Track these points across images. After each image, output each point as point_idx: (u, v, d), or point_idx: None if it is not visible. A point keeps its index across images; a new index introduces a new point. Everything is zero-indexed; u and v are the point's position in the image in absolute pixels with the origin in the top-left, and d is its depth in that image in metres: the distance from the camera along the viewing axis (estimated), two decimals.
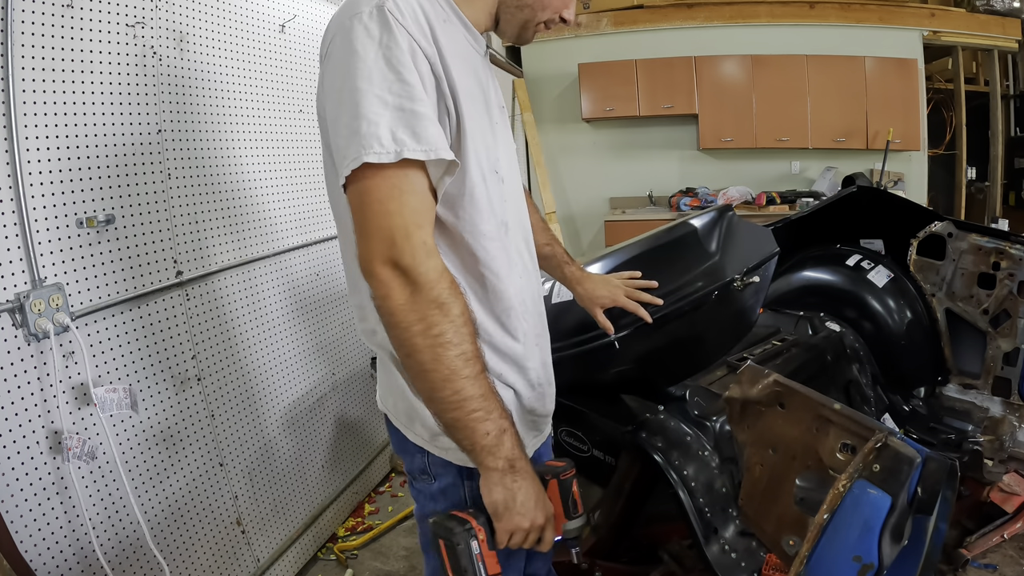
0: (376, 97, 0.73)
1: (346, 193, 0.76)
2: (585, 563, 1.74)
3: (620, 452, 1.78)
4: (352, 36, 0.75)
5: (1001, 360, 2.00)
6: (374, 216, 0.74)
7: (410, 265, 0.74)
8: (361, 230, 0.75)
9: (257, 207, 1.92)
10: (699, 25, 5.04)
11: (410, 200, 0.75)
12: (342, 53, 0.76)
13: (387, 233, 0.73)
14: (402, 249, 0.73)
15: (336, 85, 0.77)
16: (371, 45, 0.74)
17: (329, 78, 0.80)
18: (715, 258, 1.48)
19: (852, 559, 0.92)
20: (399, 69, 0.74)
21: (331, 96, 0.78)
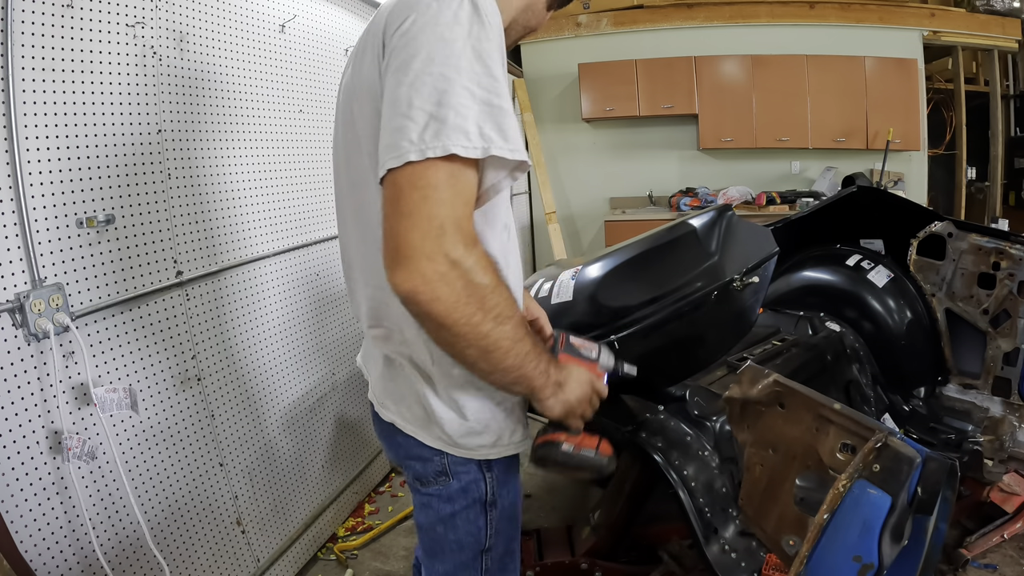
0: (464, 88, 0.70)
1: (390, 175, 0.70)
2: (585, 563, 1.74)
3: (620, 452, 1.78)
4: (439, 21, 0.71)
5: (1001, 360, 2.00)
6: (431, 205, 0.69)
7: (464, 253, 0.70)
8: (407, 223, 0.68)
9: (257, 207, 1.92)
10: (699, 25, 5.04)
11: (464, 191, 0.71)
12: (425, 36, 0.71)
13: (439, 225, 0.68)
14: (454, 239, 0.69)
15: (413, 66, 0.71)
16: (461, 33, 0.71)
17: (401, 56, 0.72)
18: (715, 258, 1.47)
19: (852, 559, 0.92)
20: (487, 62, 0.72)
21: (399, 75, 0.71)
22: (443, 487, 1.00)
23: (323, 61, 2.27)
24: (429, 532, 1.06)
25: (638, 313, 1.44)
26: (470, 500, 1.00)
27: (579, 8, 5.20)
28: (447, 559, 1.07)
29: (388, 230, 0.71)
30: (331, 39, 2.33)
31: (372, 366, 1.05)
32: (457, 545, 1.05)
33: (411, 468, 1.03)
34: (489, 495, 1.00)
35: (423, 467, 1.00)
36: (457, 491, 1.00)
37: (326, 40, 2.30)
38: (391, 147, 0.70)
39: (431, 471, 0.99)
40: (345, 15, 2.43)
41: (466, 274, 0.70)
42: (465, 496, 1.00)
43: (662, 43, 5.06)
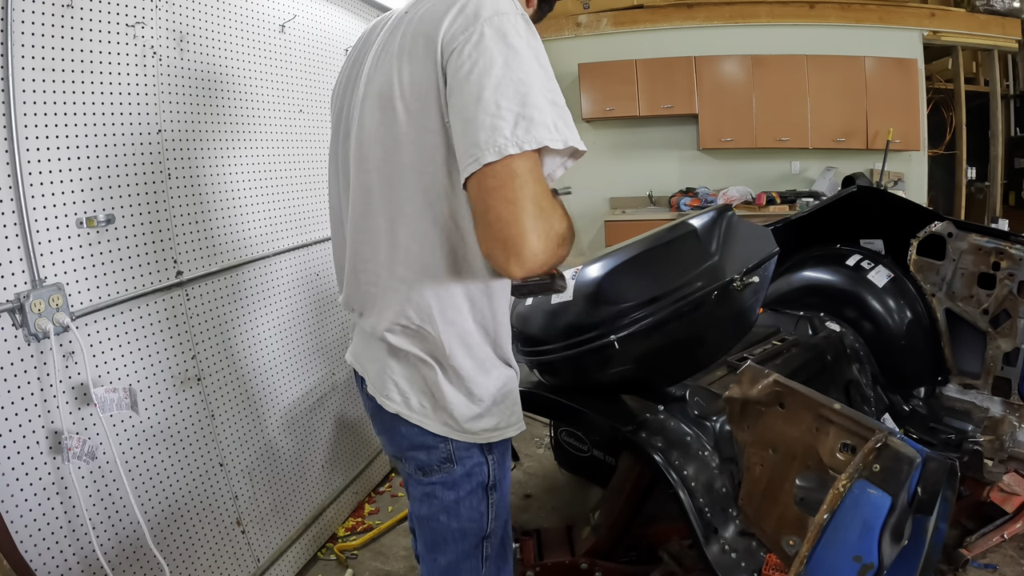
0: (539, 92, 0.79)
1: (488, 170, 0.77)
2: (585, 563, 1.74)
3: (620, 452, 1.78)
4: (506, 32, 0.80)
5: (1001, 360, 2.00)
6: (530, 190, 0.78)
7: (557, 222, 0.81)
8: (514, 210, 0.77)
9: (257, 207, 1.92)
10: (699, 25, 5.04)
11: (542, 175, 0.82)
12: (497, 47, 0.79)
13: (538, 206, 0.78)
14: (549, 214, 0.80)
15: (494, 72, 0.78)
16: (523, 44, 0.81)
17: (479, 64, 0.79)
18: (715, 258, 1.48)
19: (852, 559, 0.92)
20: (548, 69, 0.83)
21: (482, 80, 0.78)
22: (447, 474, 1.03)
23: (323, 61, 2.27)
24: (431, 523, 1.09)
25: (638, 313, 1.44)
26: (474, 485, 1.04)
27: (579, 8, 5.20)
28: (449, 549, 1.09)
29: (496, 218, 0.78)
30: (331, 39, 2.33)
31: (370, 362, 1.06)
32: (460, 533, 1.08)
33: (414, 459, 1.05)
34: (491, 478, 1.06)
35: (428, 455, 1.03)
36: (461, 476, 1.03)
37: (326, 40, 2.30)
38: (487, 143, 0.77)
39: (436, 459, 1.03)
40: (345, 15, 2.43)
41: (558, 236, 0.82)
42: (469, 481, 1.04)
43: (662, 43, 5.06)
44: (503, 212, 0.78)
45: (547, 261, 0.81)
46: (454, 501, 1.05)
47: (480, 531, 1.09)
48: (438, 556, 1.11)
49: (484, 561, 1.12)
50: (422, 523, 1.11)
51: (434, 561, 1.12)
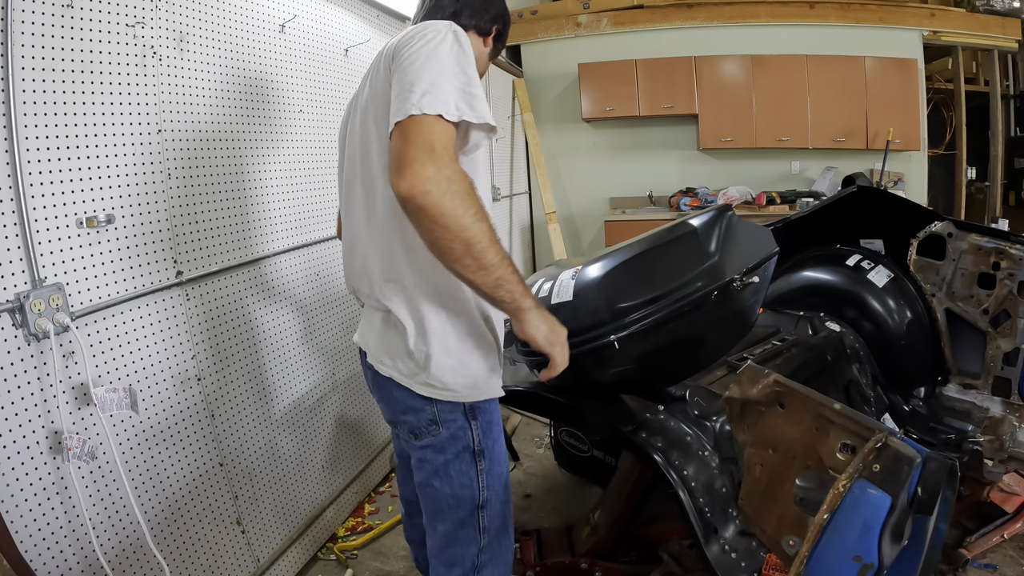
0: (448, 81, 0.98)
1: (398, 126, 0.95)
2: (585, 563, 1.74)
3: (620, 452, 1.78)
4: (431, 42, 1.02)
5: (1001, 360, 2.00)
6: (424, 135, 0.93)
7: (450, 169, 0.92)
8: (408, 145, 0.93)
9: (257, 207, 1.92)
10: (699, 25, 5.04)
11: (447, 136, 0.96)
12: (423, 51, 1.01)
13: (431, 149, 0.92)
14: (441, 154, 0.92)
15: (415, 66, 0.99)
16: (445, 50, 1.01)
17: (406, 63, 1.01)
18: (715, 258, 1.47)
19: (852, 559, 0.92)
20: (465, 68, 1.02)
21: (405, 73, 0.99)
22: (435, 437, 1.15)
23: (323, 61, 2.27)
24: (427, 490, 1.20)
25: (638, 313, 1.43)
26: (459, 448, 1.16)
27: (579, 8, 5.20)
28: (446, 517, 1.19)
29: (394, 155, 0.94)
30: (331, 39, 2.33)
31: (371, 334, 1.22)
32: (454, 500, 1.18)
33: (406, 423, 1.17)
34: (476, 443, 1.17)
35: (416, 418, 1.15)
36: (447, 439, 1.15)
37: (326, 40, 2.30)
38: (398, 111, 0.96)
39: (423, 421, 1.15)
40: (345, 15, 2.43)
41: (449, 177, 0.92)
42: (454, 443, 1.15)
43: (662, 43, 5.06)
44: (398, 150, 0.94)
45: (429, 191, 0.90)
46: (443, 464, 1.16)
47: (473, 499, 1.18)
48: (437, 524, 1.21)
49: (482, 532, 1.20)
50: (421, 491, 1.22)
51: (435, 530, 1.22)
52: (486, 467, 1.18)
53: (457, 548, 1.20)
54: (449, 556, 1.21)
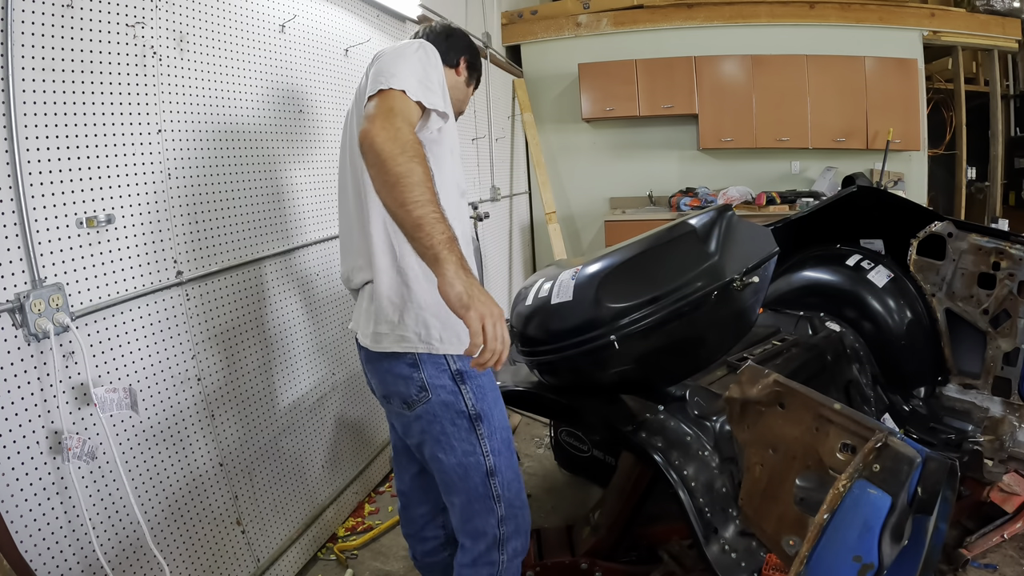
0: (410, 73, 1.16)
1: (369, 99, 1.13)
2: (585, 563, 1.74)
3: (620, 452, 1.78)
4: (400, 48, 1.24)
5: (1001, 360, 2.00)
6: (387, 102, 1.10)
7: (401, 125, 1.07)
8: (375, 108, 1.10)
9: (257, 207, 1.92)
10: (699, 25, 5.04)
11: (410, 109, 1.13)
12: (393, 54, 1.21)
13: (390, 110, 1.09)
14: (397, 115, 1.09)
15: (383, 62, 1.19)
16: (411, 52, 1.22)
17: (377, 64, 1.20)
18: (715, 258, 1.47)
19: (852, 559, 0.92)
20: (426, 67, 1.20)
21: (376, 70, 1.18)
22: (426, 405, 1.20)
23: (323, 61, 2.27)
24: (435, 465, 1.24)
25: (638, 313, 1.44)
26: (453, 413, 1.20)
27: (579, 8, 5.20)
28: (459, 488, 1.23)
29: (367, 113, 1.11)
30: (331, 39, 2.33)
31: (360, 314, 1.30)
32: (461, 469, 1.21)
33: (397, 394, 1.22)
34: (470, 408, 1.21)
35: (406, 386, 1.21)
36: (439, 405, 1.20)
37: (326, 40, 2.30)
38: (370, 90, 1.14)
39: (413, 389, 1.20)
40: (345, 15, 2.43)
41: (398, 128, 1.07)
42: (448, 409, 1.20)
43: (662, 43, 5.06)
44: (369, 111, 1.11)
45: (378, 135, 1.05)
46: (441, 432, 1.20)
47: (479, 465, 1.22)
48: (453, 498, 1.25)
49: (497, 500, 1.23)
50: (432, 466, 1.26)
51: (453, 505, 1.26)
52: (485, 431, 1.22)
53: (476, 520, 1.24)
54: (470, 529, 1.26)
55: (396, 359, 1.21)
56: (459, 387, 1.21)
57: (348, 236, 1.37)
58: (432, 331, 1.19)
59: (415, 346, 1.19)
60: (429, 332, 1.19)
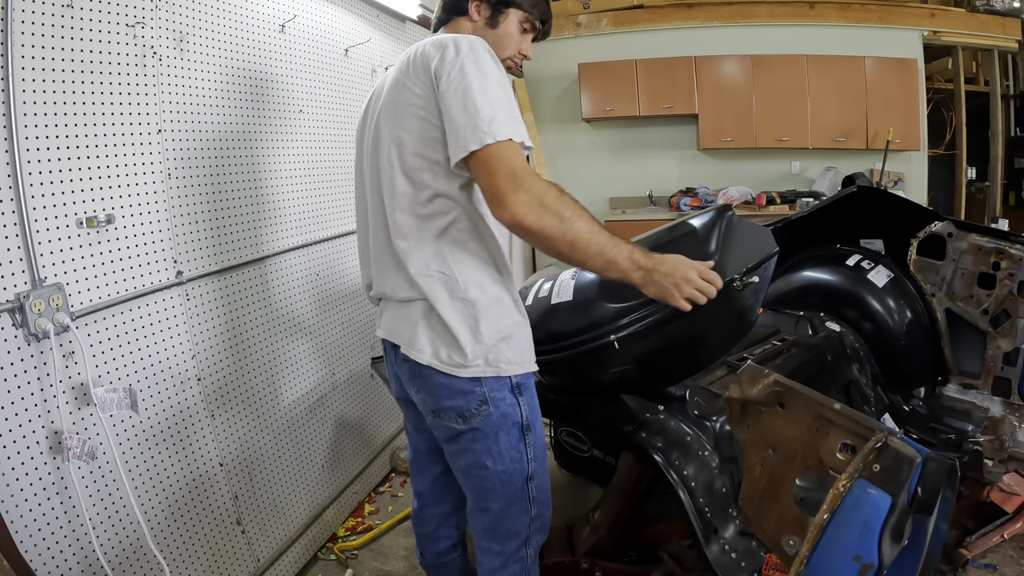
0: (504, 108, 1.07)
1: (475, 154, 1.05)
2: (585, 563, 1.74)
3: (620, 452, 1.78)
4: (478, 61, 1.09)
5: (1001, 360, 2.00)
6: (504, 164, 1.04)
7: (531, 186, 1.04)
8: (495, 178, 1.04)
9: (257, 207, 1.92)
10: (699, 25, 5.04)
11: (519, 155, 1.07)
12: (472, 71, 1.08)
13: (513, 175, 1.04)
14: (523, 178, 1.04)
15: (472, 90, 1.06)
16: (490, 70, 1.09)
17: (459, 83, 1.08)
18: (715, 258, 1.47)
19: (852, 559, 0.92)
20: (508, 90, 1.10)
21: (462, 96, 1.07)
22: (485, 417, 1.18)
23: (323, 61, 2.27)
24: (478, 470, 1.23)
25: (638, 313, 1.43)
26: (510, 425, 1.20)
27: (579, 8, 5.20)
28: (498, 495, 1.24)
29: (486, 187, 1.06)
30: (331, 39, 2.33)
31: (404, 325, 1.23)
32: (506, 475, 1.23)
33: (454, 408, 1.19)
34: (524, 419, 1.22)
35: (465, 401, 1.18)
36: (498, 418, 1.19)
37: (326, 40, 2.30)
38: (471, 136, 1.04)
39: (473, 403, 1.18)
40: (345, 15, 2.43)
41: (538, 196, 1.04)
42: (505, 421, 1.20)
43: (662, 43, 5.06)
44: (489, 183, 1.05)
45: (527, 215, 1.03)
46: (494, 442, 1.20)
47: (523, 472, 1.23)
48: (489, 504, 1.25)
49: (532, 503, 1.27)
50: (468, 475, 1.25)
51: (486, 511, 1.27)
52: (532, 440, 1.24)
53: (511, 522, 1.27)
54: (503, 531, 1.28)
55: (457, 376, 1.18)
56: (518, 399, 1.22)
57: (379, 255, 1.27)
58: (501, 355, 1.18)
59: (484, 371, 1.17)
60: (498, 356, 1.18)
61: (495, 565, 1.29)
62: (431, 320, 1.18)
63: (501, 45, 1.31)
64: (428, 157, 1.13)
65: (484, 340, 1.16)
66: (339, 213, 2.35)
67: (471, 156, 1.05)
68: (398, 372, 1.30)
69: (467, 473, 1.26)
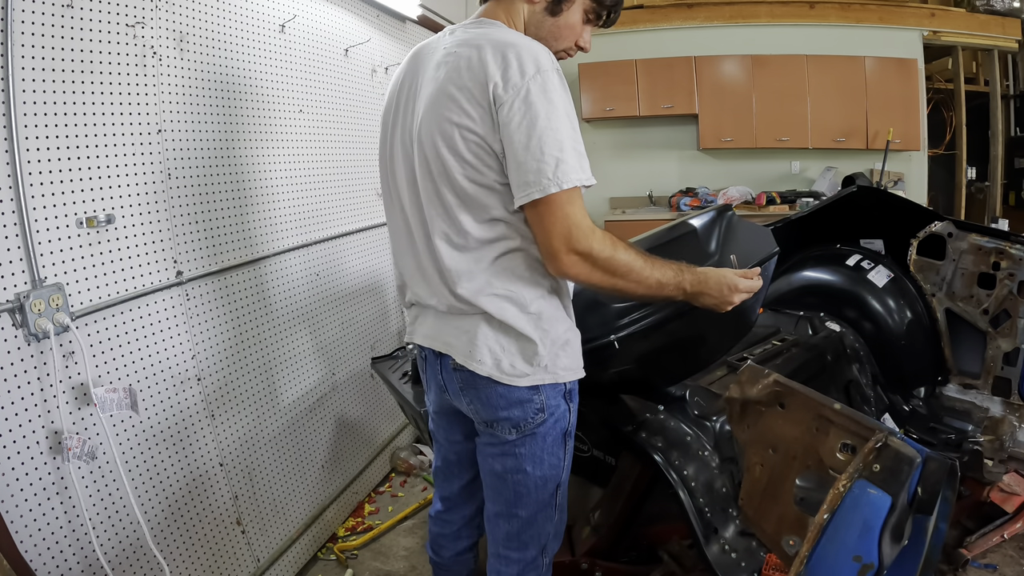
0: (570, 142, 1.02)
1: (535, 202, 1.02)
2: (585, 563, 1.74)
3: (620, 452, 1.78)
4: (546, 89, 1.02)
5: (1001, 360, 2.00)
6: (561, 220, 1.03)
7: (586, 244, 1.05)
8: (551, 233, 1.04)
9: (257, 207, 1.92)
10: (699, 25, 5.04)
11: (579, 203, 1.05)
12: (541, 101, 1.01)
13: (568, 231, 1.03)
14: (579, 238, 1.04)
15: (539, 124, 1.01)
16: (559, 99, 1.03)
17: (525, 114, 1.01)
18: (715, 258, 1.47)
19: (852, 559, 0.92)
20: (575, 122, 1.05)
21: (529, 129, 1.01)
22: (539, 425, 1.17)
23: (323, 61, 2.27)
24: (516, 475, 1.21)
25: (638, 313, 1.44)
26: (558, 432, 1.20)
27: None
28: (531, 501, 1.22)
29: (540, 241, 1.06)
30: (331, 39, 2.33)
31: (460, 337, 1.17)
32: (542, 481, 1.22)
33: (509, 418, 1.16)
34: (571, 425, 1.23)
35: (523, 410, 1.16)
36: (551, 425, 1.18)
37: (326, 40, 2.30)
38: (535, 183, 1.01)
39: (531, 412, 1.16)
40: (345, 15, 2.43)
41: (589, 256, 1.05)
42: (555, 429, 1.19)
43: (662, 43, 5.06)
44: (545, 238, 1.05)
45: (579, 275, 1.07)
46: (541, 449, 1.19)
47: (556, 478, 1.23)
48: (519, 511, 1.23)
49: (557, 509, 1.27)
50: (505, 480, 1.22)
51: (514, 516, 1.24)
52: (569, 447, 1.24)
53: (535, 529, 1.26)
54: (526, 538, 1.27)
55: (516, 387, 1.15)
56: (569, 406, 1.22)
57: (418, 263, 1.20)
58: (559, 361, 1.17)
59: (543, 378, 1.15)
60: (556, 363, 1.16)
61: (512, 573, 1.28)
62: (494, 331, 1.14)
63: (559, 36, 1.19)
64: (483, 183, 1.07)
65: (547, 346, 1.15)
66: (339, 213, 2.35)
67: (530, 205, 1.03)
68: (444, 381, 1.23)
69: (502, 478, 1.22)
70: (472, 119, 1.04)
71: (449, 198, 1.10)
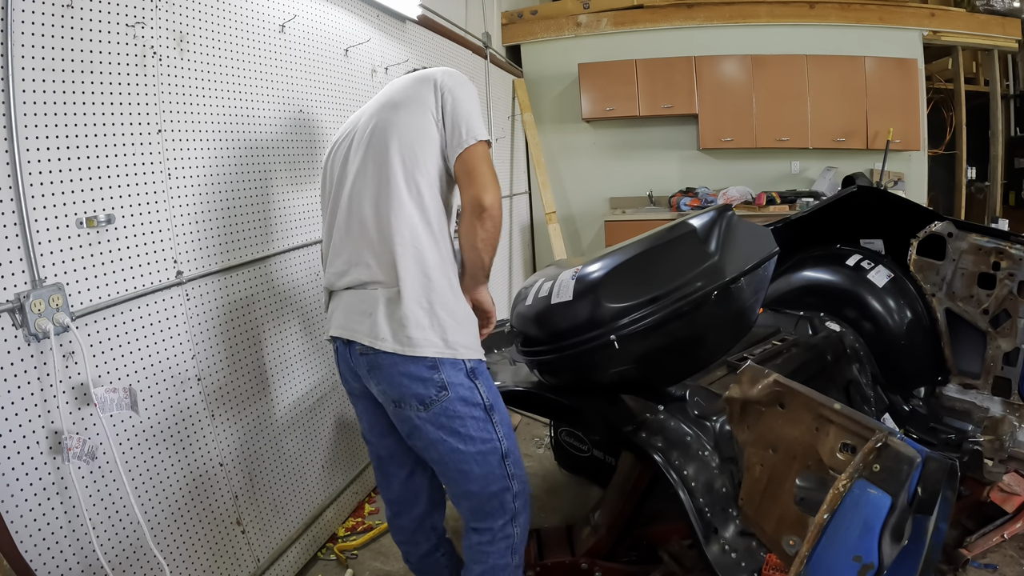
0: (480, 120, 1.33)
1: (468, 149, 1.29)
2: (585, 563, 1.74)
3: (620, 452, 1.78)
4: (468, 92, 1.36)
5: (1001, 360, 2.00)
6: (486, 159, 1.30)
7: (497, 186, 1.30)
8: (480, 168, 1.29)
9: (257, 207, 1.92)
10: (699, 25, 5.04)
11: (490, 157, 1.33)
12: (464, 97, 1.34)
13: (491, 166, 1.31)
14: (495, 175, 1.31)
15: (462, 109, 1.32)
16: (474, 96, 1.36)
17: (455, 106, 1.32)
18: (715, 258, 1.47)
19: (852, 559, 0.92)
20: (481, 111, 1.37)
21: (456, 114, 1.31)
22: (445, 402, 1.28)
23: (323, 61, 2.27)
24: (452, 455, 1.31)
25: (638, 313, 1.44)
26: (472, 405, 1.30)
27: (579, 8, 5.21)
28: (477, 475, 1.33)
29: (474, 177, 1.28)
30: (331, 39, 2.33)
31: (364, 319, 1.32)
32: (480, 456, 1.32)
33: (414, 395, 1.28)
34: (485, 399, 1.32)
35: (425, 387, 1.27)
36: (458, 401, 1.29)
37: (326, 40, 2.30)
38: (461, 142, 1.29)
39: (432, 388, 1.27)
40: (345, 15, 2.43)
41: (499, 197, 1.30)
42: (466, 404, 1.30)
43: (662, 43, 5.06)
44: (476, 176, 1.28)
45: (497, 204, 1.29)
46: (461, 425, 1.29)
47: (496, 450, 1.33)
48: (469, 486, 1.34)
49: (511, 478, 1.36)
50: (445, 462, 1.33)
51: (468, 494, 1.35)
52: (498, 419, 1.34)
53: (494, 500, 1.36)
54: (488, 510, 1.37)
55: (415, 362, 1.27)
56: (474, 382, 1.32)
57: (346, 237, 1.39)
58: (458, 337, 1.29)
59: (442, 351, 1.27)
60: (456, 339, 1.29)
61: (483, 540, 1.38)
62: (397, 307, 1.28)
63: None
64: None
65: (438, 315, 1.29)
66: None
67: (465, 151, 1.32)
68: (354, 366, 1.38)
69: (442, 462, 1.34)
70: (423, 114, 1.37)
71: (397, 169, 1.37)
